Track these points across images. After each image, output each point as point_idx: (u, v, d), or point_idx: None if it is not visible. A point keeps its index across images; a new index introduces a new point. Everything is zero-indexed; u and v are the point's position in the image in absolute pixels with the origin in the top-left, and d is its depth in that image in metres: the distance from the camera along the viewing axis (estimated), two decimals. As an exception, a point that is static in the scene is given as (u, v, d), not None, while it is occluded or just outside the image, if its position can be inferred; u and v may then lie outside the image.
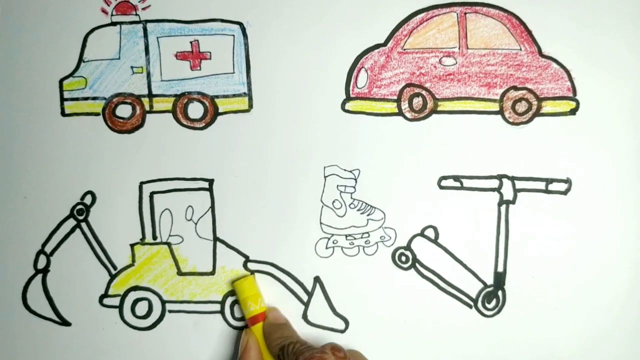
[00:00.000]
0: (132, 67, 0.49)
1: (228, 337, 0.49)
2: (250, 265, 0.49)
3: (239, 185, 0.49)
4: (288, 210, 0.49)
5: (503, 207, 0.49)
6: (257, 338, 0.46)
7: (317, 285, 0.49)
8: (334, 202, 0.49)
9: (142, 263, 0.50)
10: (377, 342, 0.49)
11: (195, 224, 0.49)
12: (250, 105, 0.49)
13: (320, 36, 0.49)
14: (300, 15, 0.49)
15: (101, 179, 0.49)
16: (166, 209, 0.49)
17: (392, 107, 0.49)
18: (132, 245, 0.49)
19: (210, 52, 0.49)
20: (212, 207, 0.49)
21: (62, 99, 0.49)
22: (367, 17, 0.49)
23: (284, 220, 0.49)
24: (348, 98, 0.49)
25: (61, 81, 0.49)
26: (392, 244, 0.49)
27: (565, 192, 0.48)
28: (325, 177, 0.49)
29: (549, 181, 0.48)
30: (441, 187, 0.49)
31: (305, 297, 0.49)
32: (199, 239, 0.49)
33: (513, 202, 0.48)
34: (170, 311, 0.50)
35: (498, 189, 0.49)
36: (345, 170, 0.49)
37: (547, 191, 0.48)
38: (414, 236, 0.49)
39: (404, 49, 0.49)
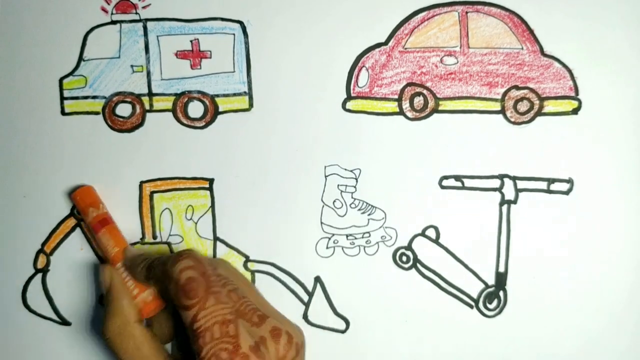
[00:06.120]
0: (132, 66, 0.49)
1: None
2: (251, 265, 0.49)
3: (240, 185, 0.49)
4: (288, 210, 0.49)
5: (504, 207, 0.48)
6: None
7: (318, 285, 0.49)
8: (334, 201, 0.49)
9: (142, 262, 0.49)
10: (378, 342, 0.49)
11: (196, 223, 0.49)
12: (251, 105, 0.49)
13: (321, 35, 0.48)
14: (301, 14, 0.49)
15: (101, 178, 0.49)
16: (166, 208, 0.49)
17: (393, 106, 0.49)
18: (132, 245, 0.49)
19: (210, 51, 0.49)
20: (213, 207, 0.49)
21: (62, 98, 0.49)
22: (368, 16, 0.48)
23: (285, 220, 0.49)
24: (349, 97, 0.49)
25: (61, 80, 0.49)
26: (393, 244, 0.49)
27: (567, 192, 0.48)
28: (325, 176, 0.49)
29: (550, 181, 0.48)
30: (442, 187, 0.49)
31: (305, 297, 0.49)
32: (199, 239, 0.49)
33: (515, 202, 0.48)
34: (170, 311, 0.49)
35: (499, 189, 0.48)
36: (346, 169, 0.49)
37: (549, 191, 0.48)
38: (415, 236, 0.49)
39: (405, 48, 0.49)
